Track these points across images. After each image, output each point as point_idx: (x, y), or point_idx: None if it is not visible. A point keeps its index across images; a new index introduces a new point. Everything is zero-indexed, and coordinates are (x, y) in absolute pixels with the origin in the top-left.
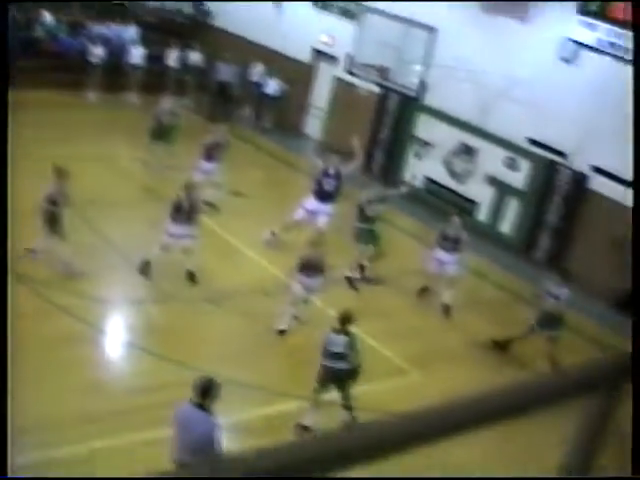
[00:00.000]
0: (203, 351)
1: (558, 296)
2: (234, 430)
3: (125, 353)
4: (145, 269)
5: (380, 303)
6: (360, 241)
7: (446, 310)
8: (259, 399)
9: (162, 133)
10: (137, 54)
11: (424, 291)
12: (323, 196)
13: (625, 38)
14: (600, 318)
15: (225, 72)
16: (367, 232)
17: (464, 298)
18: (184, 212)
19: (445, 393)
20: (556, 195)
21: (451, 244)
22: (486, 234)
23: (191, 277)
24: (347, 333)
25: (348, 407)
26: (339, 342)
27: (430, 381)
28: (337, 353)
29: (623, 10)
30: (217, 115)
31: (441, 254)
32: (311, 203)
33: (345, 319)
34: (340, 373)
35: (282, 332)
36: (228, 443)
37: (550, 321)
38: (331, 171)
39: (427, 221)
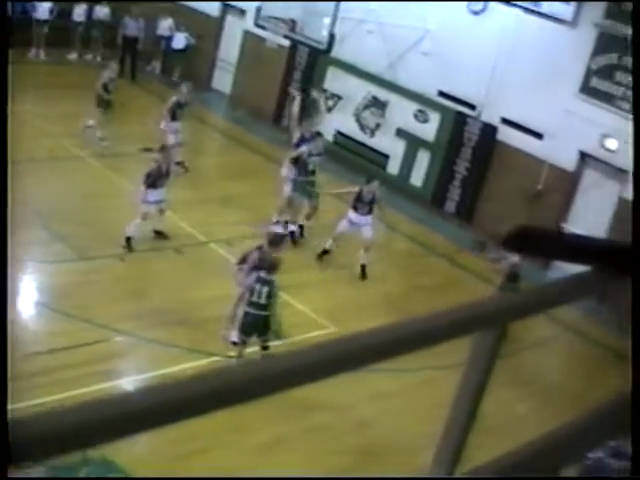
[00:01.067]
0: (116, 310)
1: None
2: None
3: (35, 313)
4: (129, 246)
5: (291, 258)
6: (304, 195)
7: (363, 271)
8: (173, 356)
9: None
10: (44, 9)
11: (324, 254)
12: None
13: None
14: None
15: (132, 27)
16: (310, 185)
17: (376, 251)
18: (165, 176)
19: None
20: (466, 147)
21: (366, 207)
22: (397, 187)
23: (161, 234)
24: (271, 282)
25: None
26: (263, 291)
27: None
28: (260, 301)
29: None
30: (125, 70)
31: (354, 216)
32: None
33: (272, 267)
34: (263, 321)
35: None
36: None
37: (513, 280)
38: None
39: (339, 174)
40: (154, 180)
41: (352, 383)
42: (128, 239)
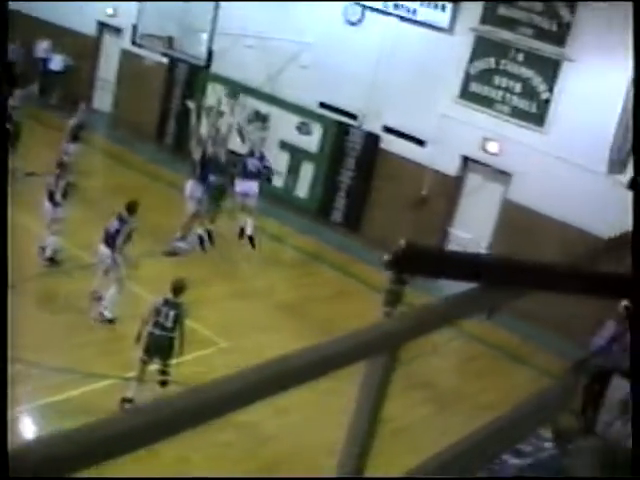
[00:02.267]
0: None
1: None
2: (46, 413)
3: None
4: (53, 261)
5: (177, 274)
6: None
7: (252, 241)
8: (68, 381)
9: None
10: None
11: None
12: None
13: None
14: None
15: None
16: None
17: (265, 265)
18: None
19: (253, 360)
20: (349, 157)
21: (253, 175)
22: (283, 199)
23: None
24: (178, 305)
25: (165, 381)
26: (170, 313)
27: (237, 350)
28: (166, 324)
29: None
30: None
31: (243, 185)
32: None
33: (178, 289)
34: (167, 343)
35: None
36: (40, 427)
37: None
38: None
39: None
40: (49, 199)
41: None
42: (51, 259)
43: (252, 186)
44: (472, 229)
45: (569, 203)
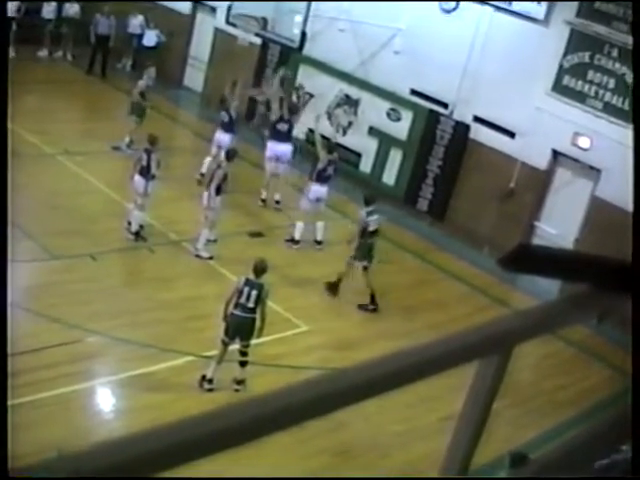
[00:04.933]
0: (87, 309)
1: (368, 224)
2: (126, 386)
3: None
4: (138, 236)
5: (264, 256)
6: None
7: (319, 244)
8: (147, 355)
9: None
10: (11, 6)
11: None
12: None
13: None
14: (483, 268)
15: (104, 25)
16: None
17: (347, 250)
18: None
19: (332, 345)
20: (439, 146)
21: (326, 179)
22: (370, 185)
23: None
24: (260, 285)
25: (244, 362)
26: (252, 294)
27: (319, 333)
28: (247, 304)
29: None
30: (95, 68)
31: (317, 188)
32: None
33: (260, 270)
34: (249, 324)
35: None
36: (119, 400)
37: (365, 253)
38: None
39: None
40: (140, 173)
41: None
42: (137, 233)
43: (326, 191)
44: (559, 224)
45: None
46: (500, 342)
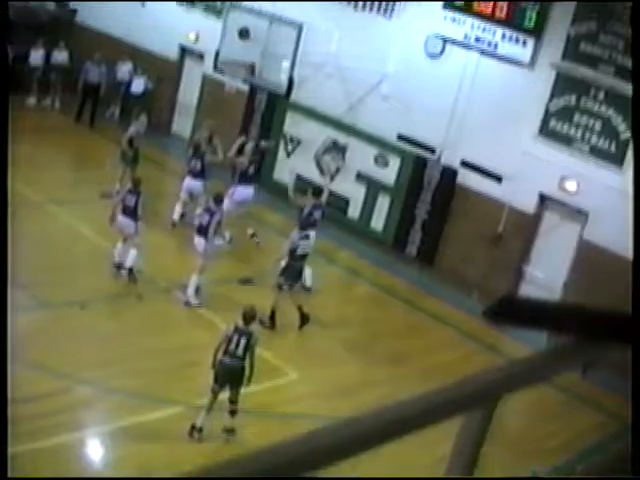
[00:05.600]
0: (77, 358)
1: (297, 246)
2: (115, 437)
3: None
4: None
5: (252, 302)
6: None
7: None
8: (137, 405)
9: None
10: None
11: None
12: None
13: (490, 32)
14: (472, 312)
15: (94, 73)
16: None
17: (337, 295)
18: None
19: (323, 393)
20: (426, 191)
21: (313, 223)
22: (358, 231)
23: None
24: (249, 333)
25: (234, 410)
26: (241, 342)
27: (308, 381)
28: (237, 352)
29: (488, 5)
30: (83, 115)
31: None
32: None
33: (249, 318)
34: (238, 372)
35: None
36: (109, 451)
37: (294, 276)
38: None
39: (296, 218)
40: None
41: None
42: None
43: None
44: (548, 268)
45: None
46: (485, 395)
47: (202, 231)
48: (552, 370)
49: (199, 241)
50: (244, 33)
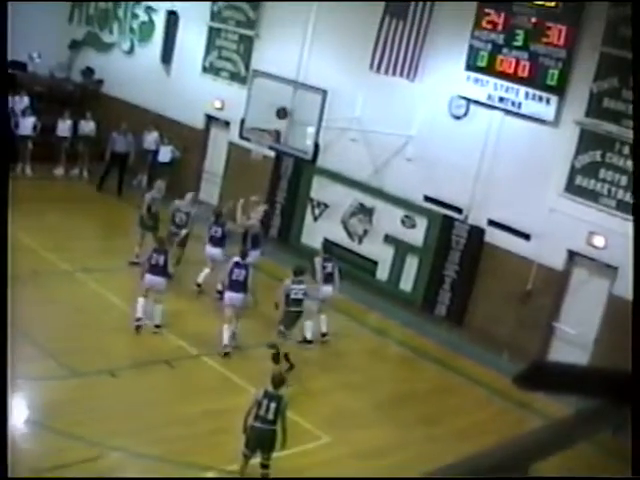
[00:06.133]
0: (109, 426)
1: (290, 291)
2: None
3: (28, 432)
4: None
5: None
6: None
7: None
8: (170, 472)
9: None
10: (26, 125)
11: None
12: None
13: (513, 92)
14: (503, 371)
15: (121, 143)
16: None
17: (368, 358)
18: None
19: (357, 455)
20: (454, 250)
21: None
22: (387, 293)
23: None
24: (279, 397)
25: (266, 475)
26: (271, 406)
27: (340, 444)
28: (267, 417)
29: (510, 64)
30: (107, 184)
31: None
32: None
33: (278, 382)
34: (269, 436)
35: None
36: None
37: (292, 321)
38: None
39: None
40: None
41: None
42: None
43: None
44: (578, 325)
45: None
46: (516, 464)
47: (238, 287)
48: (582, 434)
49: (236, 296)
50: (282, 113)
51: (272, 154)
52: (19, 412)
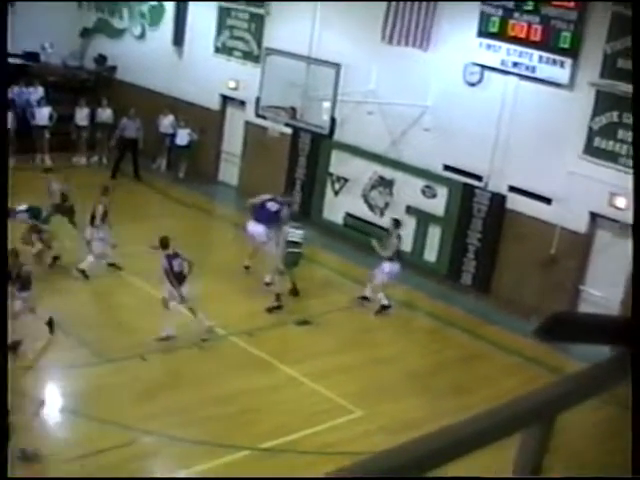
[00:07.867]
0: (142, 410)
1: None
2: None
3: (63, 419)
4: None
5: (312, 343)
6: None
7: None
8: (203, 453)
9: None
10: (43, 115)
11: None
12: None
13: (527, 56)
14: (533, 337)
15: (131, 128)
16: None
17: (395, 329)
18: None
19: (388, 428)
20: (476, 218)
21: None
22: (412, 264)
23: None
24: (302, 227)
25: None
26: (298, 233)
27: (373, 417)
28: (297, 241)
29: (522, 29)
30: (119, 170)
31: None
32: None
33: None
34: (300, 257)
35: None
36: None
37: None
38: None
39: (350, 257)
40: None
41: None
42: None
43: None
44: (604, 286)
45: None
46: (542, 412)
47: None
48: (606, 382)
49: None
50: (290, 113)
51: (289, 131)
52: (54, 400)
